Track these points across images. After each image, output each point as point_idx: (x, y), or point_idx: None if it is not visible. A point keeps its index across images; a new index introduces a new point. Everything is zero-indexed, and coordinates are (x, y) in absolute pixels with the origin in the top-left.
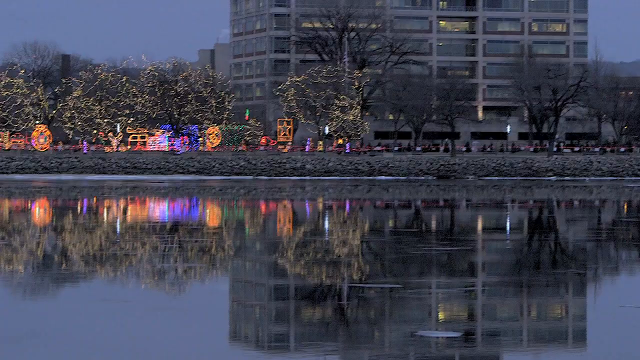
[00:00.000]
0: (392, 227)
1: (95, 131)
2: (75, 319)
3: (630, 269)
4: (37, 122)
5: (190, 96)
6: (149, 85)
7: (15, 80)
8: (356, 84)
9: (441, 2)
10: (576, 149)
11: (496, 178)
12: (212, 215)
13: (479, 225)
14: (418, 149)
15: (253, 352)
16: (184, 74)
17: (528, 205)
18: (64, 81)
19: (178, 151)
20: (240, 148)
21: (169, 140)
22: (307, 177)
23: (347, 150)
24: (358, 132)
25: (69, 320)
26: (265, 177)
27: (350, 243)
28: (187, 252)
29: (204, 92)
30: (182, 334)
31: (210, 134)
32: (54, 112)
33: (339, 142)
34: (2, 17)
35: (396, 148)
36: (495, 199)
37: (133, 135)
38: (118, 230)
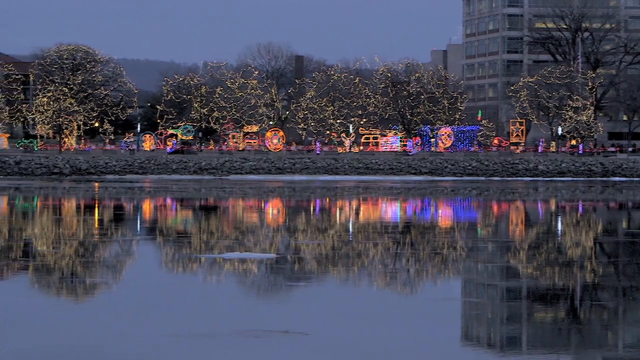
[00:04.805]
0: None
1: (328, 132)
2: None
3: None
4: (271, 122)
5: (422, 97)
6: (382, 85)
7: (249, 81)
8: (590, 84)
9: None
10: None
11: None
12: (454, 216)
13: None
14: None
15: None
16: (416, 75)
17: None
18: (298, 82)
19: (410, 152)
20: (472, 149)
21: (401, 141)
22: (540, 178)
23: (580, 151)
24: (591, 132)
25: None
26: (498, 178)
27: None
28: (431, 253)
29: (437, 92)
30: (414, 333)
31: (443, 135)
32: (287, 112)
33: (572, 143)
34: (237, 19)
35: (630, 149)
36: None
37: (365, 135)
38: (365, 230)
